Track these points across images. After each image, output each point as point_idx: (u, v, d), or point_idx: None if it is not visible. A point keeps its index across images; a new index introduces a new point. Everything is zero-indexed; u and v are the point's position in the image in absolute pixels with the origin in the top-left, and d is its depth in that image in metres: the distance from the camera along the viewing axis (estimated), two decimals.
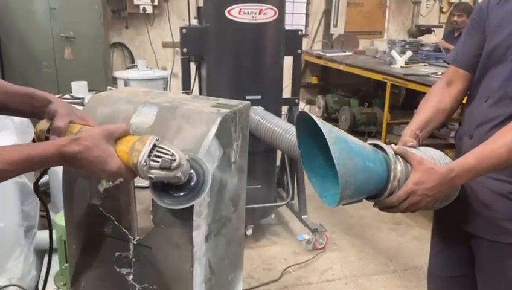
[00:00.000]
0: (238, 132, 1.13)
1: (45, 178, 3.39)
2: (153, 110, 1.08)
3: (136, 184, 1.10)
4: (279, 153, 3.03)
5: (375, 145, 1.17)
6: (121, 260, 1.11)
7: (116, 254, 1.12)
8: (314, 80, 5.89)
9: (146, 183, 0.93)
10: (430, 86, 1.39)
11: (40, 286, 2.30)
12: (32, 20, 4.20)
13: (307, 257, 2.74)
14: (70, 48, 4.32)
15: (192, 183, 0.91)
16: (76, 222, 1.15)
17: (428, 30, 5.37)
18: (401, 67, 3.96)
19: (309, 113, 1.09)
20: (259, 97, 2.56)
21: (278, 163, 3.11)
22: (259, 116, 2.44)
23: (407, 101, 5.19)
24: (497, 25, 1.23)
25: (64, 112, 0.95)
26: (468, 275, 1.41)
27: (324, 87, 5.68)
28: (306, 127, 1.15)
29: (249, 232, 2.88)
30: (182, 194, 0.91)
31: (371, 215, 3.39)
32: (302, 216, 2.94)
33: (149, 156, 0.85)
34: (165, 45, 5.32)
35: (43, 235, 2.50)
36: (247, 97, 2.42)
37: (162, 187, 0.92)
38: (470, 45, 1.32)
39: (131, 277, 1.11)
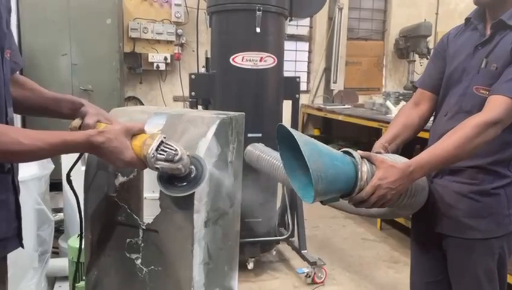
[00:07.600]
0: (234, 136, 1.35)
1: (59, 216, 3.58)
2: (163, 116, 1.30)
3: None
4: (279, 193, 3.20)
5: (345, 152, 1.36)
6: (131, 246, 1.28)
7: (127, 240, 1.29)
8: (316, 132, 6.16)
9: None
10: (426, 130, 1.65)
11: None
12: (56, 75, 4.58)
13: None
14: (88, 99, 4.66)
15: (192, 176, 1.13)
16: (93, 214, 1.34)
17: None
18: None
19: (284, 125, 1.28)
20: (260, 135, 2.79)
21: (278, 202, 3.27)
22: (259, 150, 2.64)
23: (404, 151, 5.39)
24: (454, 53, 1.48)
25: (94, 112, 1.18)
26: (446, 279, 1.54)
27: (326, 138, 5.92)
28: (286, 142, 1.34)
29: (250, 266, 2.98)
30: (183, 184, 1.13)
31: (370, 255, 3.48)
32: (302, 251, 3.05)
33: (156, 149, 1.06)
34: (176, 99, 5.69)
35: (54, 263, 2.64)
36: (249, 135, 2.64)
37: (167, 179, 1.13)
38: (434, 70, 1.56)
39: (139, 261, 1.28)
